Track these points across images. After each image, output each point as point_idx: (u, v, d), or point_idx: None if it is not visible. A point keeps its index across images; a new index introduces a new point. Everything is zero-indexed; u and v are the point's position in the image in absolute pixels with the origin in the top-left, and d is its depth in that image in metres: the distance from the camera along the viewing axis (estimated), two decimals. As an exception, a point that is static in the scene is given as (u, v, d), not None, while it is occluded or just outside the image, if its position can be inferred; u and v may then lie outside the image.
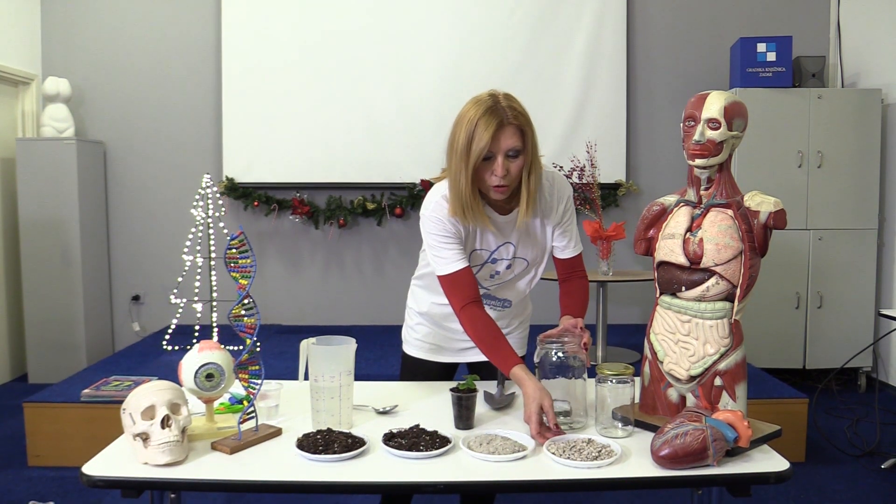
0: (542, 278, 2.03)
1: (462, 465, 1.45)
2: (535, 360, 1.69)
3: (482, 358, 2.03)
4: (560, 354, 1.66)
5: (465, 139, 1.69)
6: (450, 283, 1.81)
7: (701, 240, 1.58)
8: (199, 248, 4.29)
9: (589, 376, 1.73)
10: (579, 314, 1.90)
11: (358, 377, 1.76)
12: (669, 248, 1.63)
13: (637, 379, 1.71)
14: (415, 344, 2.09)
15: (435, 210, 1.82)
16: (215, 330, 4.25)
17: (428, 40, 5.02)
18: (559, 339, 1.69)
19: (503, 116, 1.70)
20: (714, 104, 1.57)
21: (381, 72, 5.03)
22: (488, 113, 1.69)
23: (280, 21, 5.02)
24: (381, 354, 4.19)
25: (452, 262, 1.80)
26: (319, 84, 5.03)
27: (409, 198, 4.99)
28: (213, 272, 4.22)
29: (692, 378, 1.59)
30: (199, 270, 4.28)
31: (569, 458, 1.44)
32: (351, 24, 5.02)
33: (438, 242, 1.81)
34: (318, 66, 5.03)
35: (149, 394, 1.48)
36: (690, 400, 1.61)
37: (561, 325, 1.79)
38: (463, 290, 1.79)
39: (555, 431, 1.56)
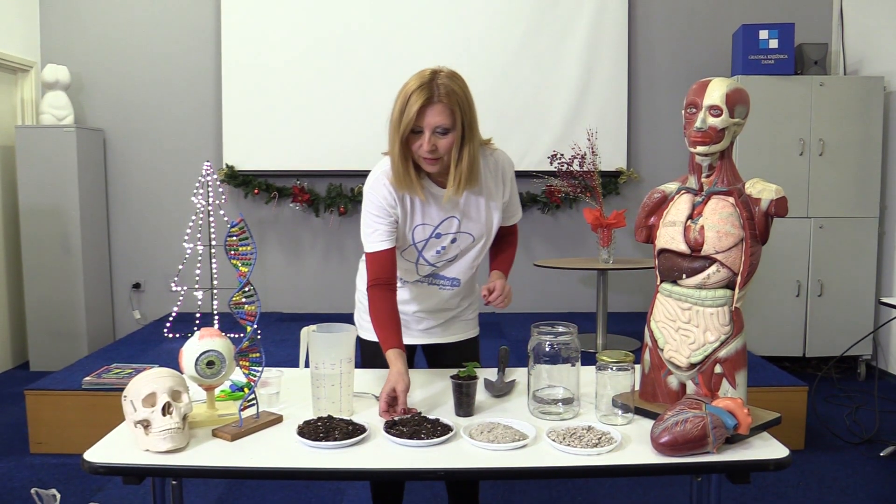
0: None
1: (463, 452, 1.45)
2: (529, 347, 1.69)
3: (435, 340, 2.09)
4: (553, 344, 1.66)
5: (398, 111, 1.76)
6: (371, 261, 1.88)
7: (702, 227, 1.57)
8: (199, 235, 4.29)
9: (588, 364, 1.74)
10: (506, 269, 2.05)
11: (358, 364, 1.76)
12: (670, 236, 1.63)
13: (637, 366, 1.71)
14: (367, 328, 2.04)
15: (373, 185, 1.89)
16: (216, 317, 4.25)
17: (428, 27, 5.00)
18: (553, 330, 1.69)
19: (433, 93, 1.73)
20: (716, 91, 1.56)
21: (380, 58, 5.01)
22: (420, 88, 1.73)
23: (281, 8, 4.99)
24: (382, 342, 4.19)
25: (377, 241, 1.87)
26: (320, 71, 5.01)
27: (409, 186, 4.97)
28: (213, 260, 4.22)
29: (692, 365, 1.59)
30: (199, 258, 4.28)
31: (569, 445, 1.44)
32: (351, 12, 4.99)
33: (369, 216, 1.89)
34: (318, 53, 5.00)
35: (150, 381, 1.48)
36: (690, 387, 1.62)
37: (490, 281, 1.93)
38: (379, 271, 1.87)
39: (402, 413, 1.63)
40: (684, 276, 1.60)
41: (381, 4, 5.00)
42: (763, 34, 4.51)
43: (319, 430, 1.50)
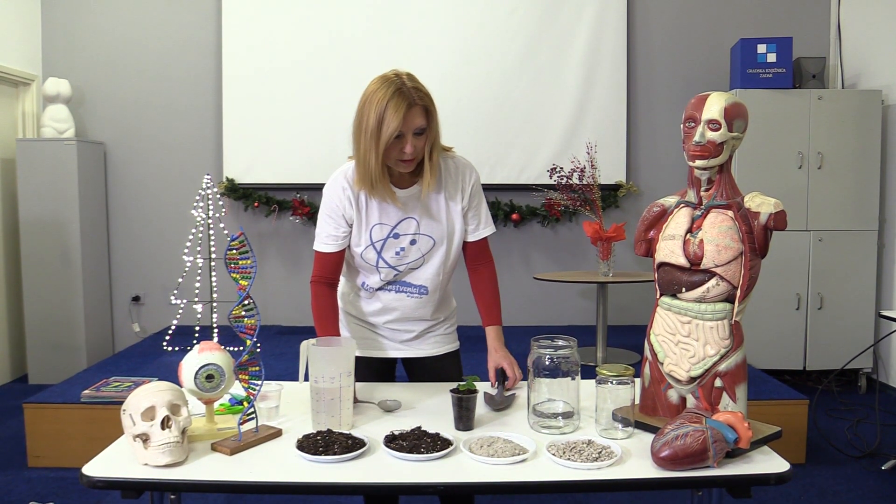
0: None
1: (463, 466, 1.45)
2: (529, 361, 1.69)
3: (412, 353, 2.09)
4: (553, 357, 1.66)
5: (375, 120, 1.78)
6: (317, 259, 1.98)
7: (701, 241, 1.58)
8: (199, 248, 4.29)
9: (588, 377, 1.73)
10: (497, 316, 2.03)
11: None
12: (670, 250, 1.63)
13: (637, 380, 1.71)
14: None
15: (330, 186, 1.97)
16: (215, 331, 4.25)
17: (428, 40, 5.02)
18: (553, 343, 1.68)
19: (411, 98, 1.78)
20: (714, 105, 1.57)
21: (381, 73, 5.02)
22: (397, 95, 1.78)
23: (281, 22, 5.02)
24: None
25: (326, 243, 1.95)
26: (320, 84, 5.03)
27: (409, 199, 4.98)
28: (213, 273, 4.22)
29: (692, 379, 1.59)
30: (199, 271, 4.28)
31: (569, 459, 1.44)
32: (351, 25, 5.02)
33: (322, 216, 1.98)
34: (318, 67, 5.03)
35: (149, 395, 1.48)
36: (691, 401, 1.61)
37: (491, 359, 1.95)
38: (324, 269, 1.96)
39: None
40: (684, 289, 1.61)
41: (380, 21, 5.03)
42: (761, 48, 4.53)
43: (319, 444, 1.50)
